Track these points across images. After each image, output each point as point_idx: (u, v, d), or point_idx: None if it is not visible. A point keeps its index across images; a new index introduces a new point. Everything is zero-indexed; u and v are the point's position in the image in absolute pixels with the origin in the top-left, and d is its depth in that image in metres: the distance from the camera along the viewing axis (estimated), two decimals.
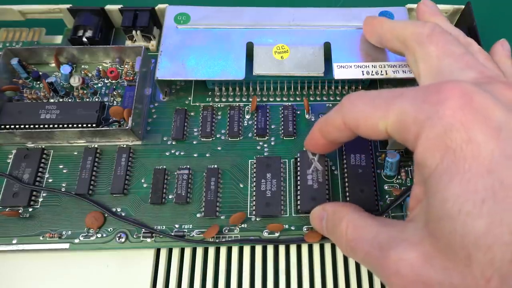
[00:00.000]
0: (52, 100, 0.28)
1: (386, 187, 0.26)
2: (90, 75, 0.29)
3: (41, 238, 0.24)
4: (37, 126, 0.26)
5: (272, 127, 0.28)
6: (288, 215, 0.25)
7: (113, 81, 0.29)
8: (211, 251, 0.25)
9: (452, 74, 0.18)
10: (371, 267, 0.17)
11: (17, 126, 0.26)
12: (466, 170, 0.13)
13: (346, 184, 0.25)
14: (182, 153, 0.27)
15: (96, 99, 0.28)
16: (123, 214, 0.25)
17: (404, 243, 0.15)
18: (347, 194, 0.25)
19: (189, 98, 0.29)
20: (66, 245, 0.24)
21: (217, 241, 0.24)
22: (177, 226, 0.24)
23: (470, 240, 0.12)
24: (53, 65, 0.29)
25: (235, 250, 0.25)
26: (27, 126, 0.26)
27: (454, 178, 0.13)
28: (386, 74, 0.26)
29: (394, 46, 0.22)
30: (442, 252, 0.13)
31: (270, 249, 0.25)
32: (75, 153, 0.26)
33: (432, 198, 0.14)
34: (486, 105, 0.14)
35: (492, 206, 0.12)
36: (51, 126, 0.26)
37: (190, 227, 0.24)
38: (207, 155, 0.27)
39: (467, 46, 0.21)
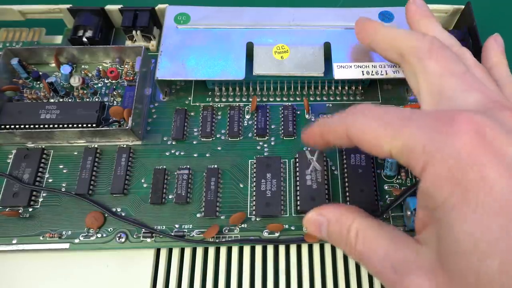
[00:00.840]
0: (52, 100, 0.28)
1: (386, 187, 0.26)
2: (90, 75, 0.29)
3: (41, 238, 0.24)
4: (37, 126, 0.26)
5: (272, 127, 0.28)
6: (288, 215, 0.25)
7: (113, 81, 0.29)
8: (211, 251, 0.25)
9: (455, 96, 0.17)
10: (382, 282, 0.17)
11: (17, 126, 0.26)
12: (479, 207, 0.13)
13: (346, 184, 0.25)
14: (182, 153, 0.27)
15: (96, 99, 0.28)
16: (123, 214, 0.25)
17: (418, 270, 0.15)
18: (347, 194, 0.25)
19: (189, 98, 0.29)
20: (66, 245, 0.24)
21: (217, 241, 0.24)
22: (177, 226, 0.24)
23: (485, 278, 0.12)
24: (53, 65, 0.29)
25: (235, 250, 0.25)
26: (27, 126, 0.26)
27: (466, 215, 0.13)
28: (386, 74, 0.26)
29: (391, 56, 0.22)
30: (455, 286, 0.13)
31: (270, 249, 0.25)
32: (75, 153, 0.26)
33: (443, 232, 0.14)
34: (498, 140, 0.13)
35: (505, 245, 0.12)
36: (51, 126, 0.26)
37: (190, 227, 0.24)
38: (207, 155, 0.27)
39: (461, 56, 0.21)
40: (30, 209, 0.25)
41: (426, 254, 0.15)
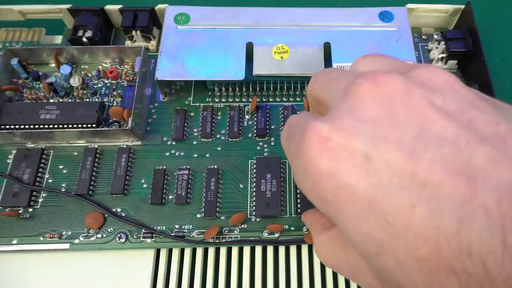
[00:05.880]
0: (52, 100, 0.28)
1: None
2: (90, 75, 0.29)
3: (41, 238, 0.24)
4: (37, 126, 0.26)
5: (272, 127, 0.28)
6: (288, 215, 0.25)
7: (113, 81, 0.29)
8: (211, 251, 0.25)
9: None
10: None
11: (17, 126, 0.26)
12: (352, 216, 0.12)
13: None
14: (182, 154, 0.27)
15: (96, 99, 0.28)
16: (123, 215, 0.25)
17: (365, 274, 0.15)
18: None
19: (189, 99, 0.29)
20: (66, 246, 0.24)
21: (217, 241, 0.24)
22: (177, 226, 0.24)
23: (389, 274, 0.12)
24: (53, 65, 0.29)
25: (235, 250, 0.25)
26: (27, 126, 0.26)
27: (346, 225, 0.13)
28: None
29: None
30: (380, 282, 0.14)
31: (270, 249, 0.25)
32: (75, 154, 0.26)
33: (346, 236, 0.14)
34: (345, 140, 0.13)
35: (389, 243, 0.12)
36: (51, 126, 0.26)
37: (190, 228, 0.24)
38: (207, 156, 0.27)
39: None
40: (30, 210, 0.25)
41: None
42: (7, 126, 0.26)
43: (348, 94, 0.14)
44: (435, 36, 0.31)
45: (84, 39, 0.29)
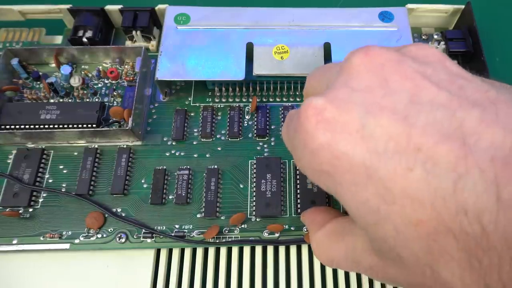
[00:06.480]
0: (52, 101, 0.28)
1: None
2: (90, 75, 0.29)
3: (41, 238, 0.24)
4: (37, 126, 0.26)
5: (272, 127, 0.28)
6: (288, 215, 0.25)
7: (113, 82, 0.29)
8: (211, 251, 0.25)
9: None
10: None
11: (17, 126, 0.26)
12: (349, 185, 0.13)
13: None
14: (182, 154, 0.27)
15: (96, 100, 0.28)
16: (123, 215, 0.25)
17: (364, 255, 0.15)
18: None
19: (189, 99, 0.29)
20: (67, 246, 0.24)
21: (217, 241, 0.24)
22: (177, 226, 0.24)
23: (388, 244, 0.12)
24: (53, 65, 0.29)
25: (235, 250, 0.25)
26: (27, 126, 0.26)
27: (344, 196, 0.13)
28: None
29: None
30: (380, 257, 0.14)
31: (270, 249, 0.25)
32: (75, 154, 0.26)
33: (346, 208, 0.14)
34: (340, 110, 0.13)
35: (386, 210, 0.12)
36: (51, 126, 0.26)
37: (190, 228, 0.24)
38: (207, 156, 0.27)
39: None
40: (31, 210, 0.25)
41: (361, 235, 0.15)
42: (7, 126, 0.26)
43: (342, 69, 0.14)
44: (435, 36, 0.31)
45: (84, 39, 0.29)
